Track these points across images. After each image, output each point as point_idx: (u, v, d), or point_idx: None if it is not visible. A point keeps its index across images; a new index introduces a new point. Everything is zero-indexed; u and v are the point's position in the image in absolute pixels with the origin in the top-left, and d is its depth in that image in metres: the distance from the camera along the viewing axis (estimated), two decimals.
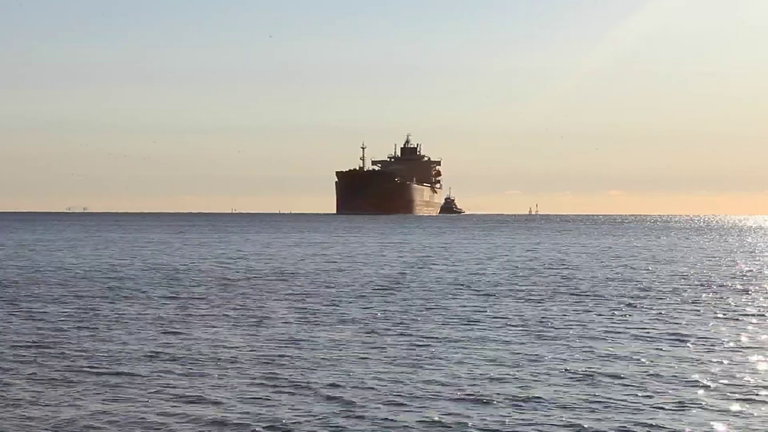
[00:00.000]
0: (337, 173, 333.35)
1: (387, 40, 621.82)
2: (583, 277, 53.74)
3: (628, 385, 21.17)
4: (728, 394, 20.32)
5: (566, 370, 23.03)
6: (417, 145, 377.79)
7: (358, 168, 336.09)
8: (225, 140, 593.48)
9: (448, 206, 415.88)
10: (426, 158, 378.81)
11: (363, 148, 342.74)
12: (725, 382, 21.54)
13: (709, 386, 21.04)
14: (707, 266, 65.15)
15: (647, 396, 20.11)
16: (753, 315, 35.18)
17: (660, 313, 35.36)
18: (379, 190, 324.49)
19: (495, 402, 19.54)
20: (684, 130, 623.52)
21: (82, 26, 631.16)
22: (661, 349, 26.39)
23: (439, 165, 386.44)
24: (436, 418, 18.21)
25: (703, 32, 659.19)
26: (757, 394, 20.33)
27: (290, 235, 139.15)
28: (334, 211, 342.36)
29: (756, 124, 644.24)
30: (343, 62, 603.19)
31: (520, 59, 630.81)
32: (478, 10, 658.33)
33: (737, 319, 33.70)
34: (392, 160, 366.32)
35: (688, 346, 27.00)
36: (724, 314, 35.25)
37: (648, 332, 29.95)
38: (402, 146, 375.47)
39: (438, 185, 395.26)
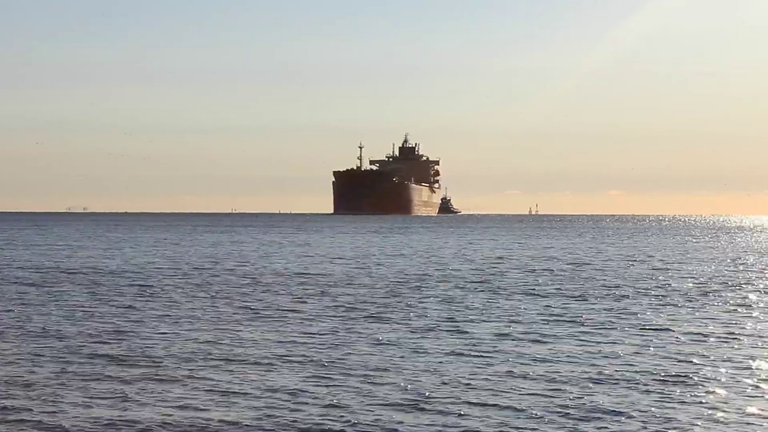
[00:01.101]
0: (335, 173, 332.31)
1: (387, 40, 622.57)
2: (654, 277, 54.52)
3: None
4: None
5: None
6: (415, 144, 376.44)
7: (355, 168, 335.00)
8: (225, 140, 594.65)
9: (446, 206, 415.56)
10: (424, 158, 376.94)
11: (360, 148, 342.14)
12: None
13: None
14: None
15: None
16: None
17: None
18: (376, 190, 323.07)
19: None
20: (684, 130, 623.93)
21: (82, 26, 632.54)
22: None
23: (438, 165, 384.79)
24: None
25: (703, 32, 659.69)
26: None
27: (323, 234, 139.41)
28: (331, 212, 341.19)
29: (756, 124, 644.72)
30: (343, 62, 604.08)
31: (520, 59, 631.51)
32: (478, 10, 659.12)
33: None
34: (390, 159, 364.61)
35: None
36: None
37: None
38: (400, 146, 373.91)
39: (436, 185, 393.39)
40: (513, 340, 28.68)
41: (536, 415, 18.79)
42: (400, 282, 51.02)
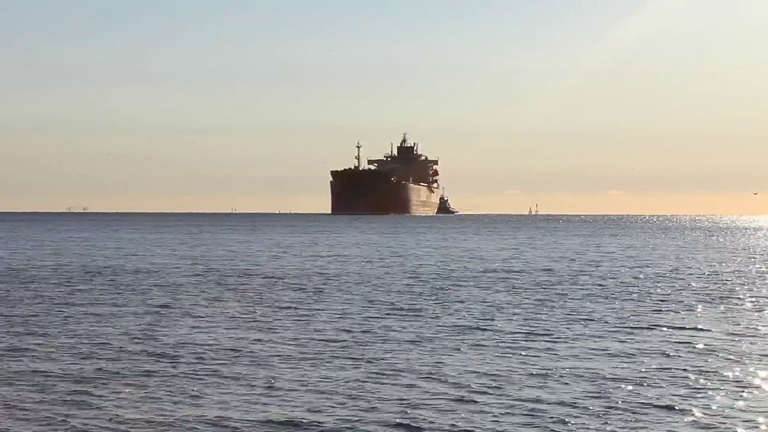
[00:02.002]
0: (332, 173, 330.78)
1: (386, 40, 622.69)
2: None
3: None
4: None
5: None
6: (414, 144, 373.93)
7: (353, 167, 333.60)
8: (225, 140, 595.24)
9: (443, 206, 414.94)
10: (423, 157, 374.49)
11: (358, 147, 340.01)
12: None
13: None
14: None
15: None
16: None
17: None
18: (375, 189, 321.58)
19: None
20: (684, 130, 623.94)
21: (82, 26, 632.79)
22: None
23: (437, 164, 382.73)
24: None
25: (703, 32, 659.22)
26: None
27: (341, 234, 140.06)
28: (329, 212, 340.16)
29: (756, 124, 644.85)
30: (343, 62, 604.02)
31: (520, 59, 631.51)
32: (478, 10, 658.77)
33: None
34: (389, 159, 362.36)
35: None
36: None
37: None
38: (399, 145, 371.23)
39: (435, 185, 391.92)
40: (545, 336, 29.40)
41: (570, 412, 19.45)
42: (426, 280, 51.73)
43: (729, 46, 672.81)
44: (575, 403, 20.02)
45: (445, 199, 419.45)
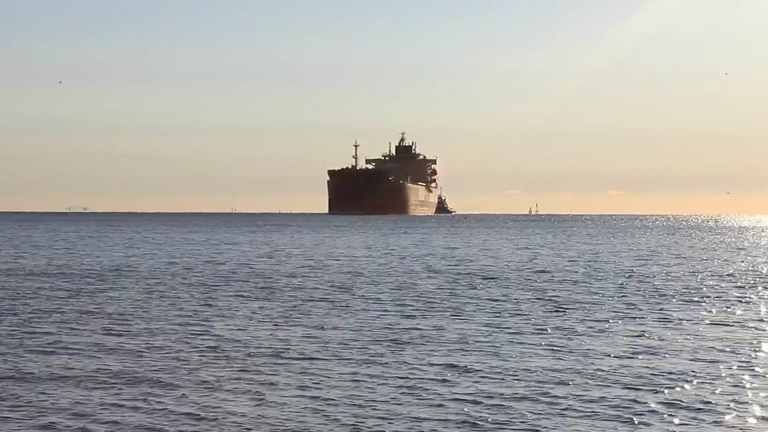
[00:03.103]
0: (330, 172, 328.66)
1: (386, 39, 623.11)
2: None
3: None
4: None
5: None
6: (412, 143, 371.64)
7: (350, 167, 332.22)
8: (225, 140, 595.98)
9: (442, 206, 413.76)
10: (421, 157, 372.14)
11: (356, 146, 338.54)
12: None
13: None
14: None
15: None
16: None
17: None
18: (372, 189, 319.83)
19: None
20: (684, 130, 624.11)
21: (82, 26, 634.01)
22: None
23: (435, 164, 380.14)
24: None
25: (703, 32, 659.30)
26: None
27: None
28: (326, 211, 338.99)
29: (756, 124, 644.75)
30: (343, 62, 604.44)
31: (520, 59, 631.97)
32: (478, 10, 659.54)
33: None
34: (387, 159, 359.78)
35: None
36: None
37: None
38: (397, 145, 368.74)
39: (433, 185, 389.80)
40: (581, 335, 29.57)
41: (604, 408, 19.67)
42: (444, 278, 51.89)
43: (729, 46, 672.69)
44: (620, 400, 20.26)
45: (443, 198, 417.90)
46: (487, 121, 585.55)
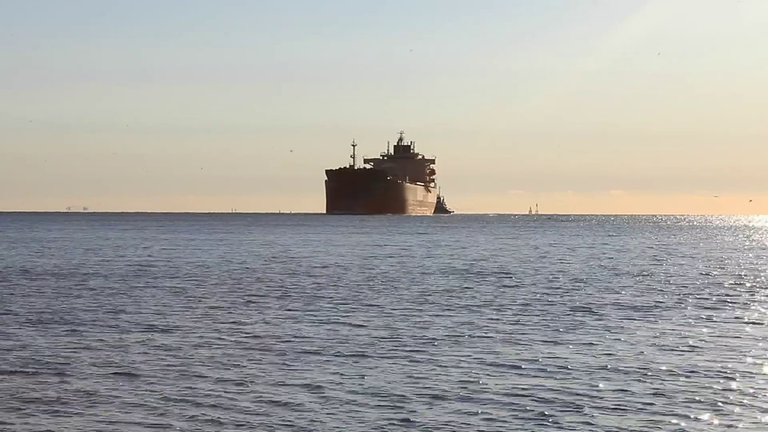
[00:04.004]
0: (327, 172, 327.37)
1: (385, 39, 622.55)
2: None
3: None
4: None
5: None
6: (411, 143, 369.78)
7: (348, 166, 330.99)
8: (225, 140, 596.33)
9: (440, 206, 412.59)
10: (420, 156, 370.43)
11: (353, 146, 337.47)
12: None
13: None
14: None
15: None
16: None
17: None
18: (370, 189, 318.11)
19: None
20: (684, 130, 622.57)
21: (82, 26, 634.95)
22: None
23: (434, 163, 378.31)
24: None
25: (703, 32, 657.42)
26: None
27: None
28: (324, 211, 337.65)
29: (756, 124, 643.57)
30: (342, 62, 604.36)
31: (520, 59, 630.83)
32: (478, 10, 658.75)
33: None
34: (385, 158, 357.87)
35: None
36: None
37: None
38: (395, 144, 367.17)
39: (432, 184, 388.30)
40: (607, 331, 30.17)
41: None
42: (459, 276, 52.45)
43: (729, 46, 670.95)
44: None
45: (442, 198, 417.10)
46: (487, 120, 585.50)
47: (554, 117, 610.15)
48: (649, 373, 23.34)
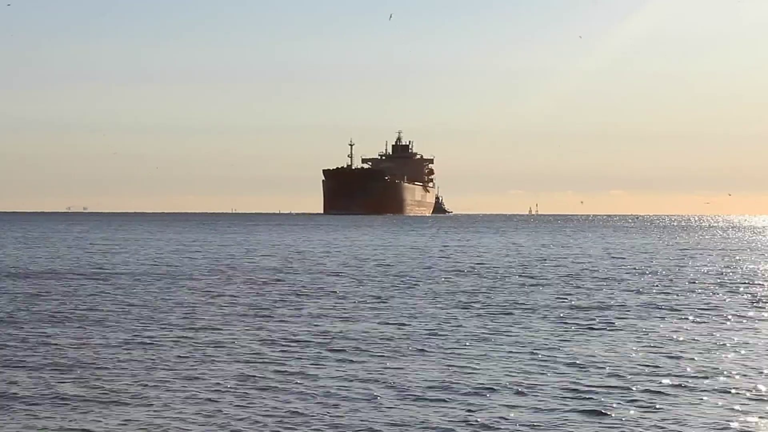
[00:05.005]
0: (324, 171, 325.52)
1: (384, 39, 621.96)
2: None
3: None
4: None
5: None
6: (409, 142, 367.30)
7: (345, 166, 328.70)
8: (225, 140, 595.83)
9: (439, 206, 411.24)
10: (418, 156, 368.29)
11: (351, 146, 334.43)
12: None
13: None
14: None
15: None
16: None
17: None
18: (368, 189, 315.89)
19: None
20: (684, 130, 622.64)
21: (82, 26, 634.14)
22: None
23: (432, 163, 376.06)
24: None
25: (703, 32, 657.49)
26: None
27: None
28: (321, 211, 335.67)
29: (756, 124, 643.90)
30: (342, 62, 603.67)
31: (520, 59, 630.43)
32: (478, 10, 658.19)
33: None
34: (383, 158, 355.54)
35: None
36: None
37: None
38: (393, 144, 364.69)
39: (431, 184, 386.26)
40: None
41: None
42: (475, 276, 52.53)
43: (729, 46, 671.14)
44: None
45: (440, 198, 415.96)
46: (486, 120, 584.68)
47: (554, 117, 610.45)
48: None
